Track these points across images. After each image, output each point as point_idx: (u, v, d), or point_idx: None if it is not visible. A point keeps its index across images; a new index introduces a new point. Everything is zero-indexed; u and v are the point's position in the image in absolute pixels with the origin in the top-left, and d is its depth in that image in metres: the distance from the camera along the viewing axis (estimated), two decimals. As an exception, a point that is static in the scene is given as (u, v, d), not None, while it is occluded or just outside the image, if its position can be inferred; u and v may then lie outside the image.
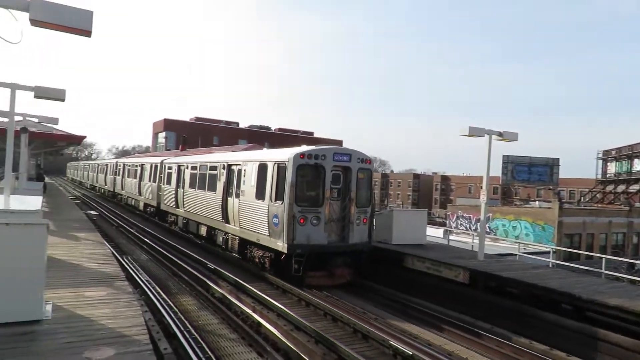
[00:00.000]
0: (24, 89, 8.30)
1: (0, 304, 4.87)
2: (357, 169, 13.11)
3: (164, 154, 40.83)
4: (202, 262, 15.67)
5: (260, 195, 13.56)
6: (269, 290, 12.60)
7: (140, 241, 19.74)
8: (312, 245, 12.38)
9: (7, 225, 4.91)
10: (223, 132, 74.49)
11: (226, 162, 16.36)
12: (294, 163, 12.35)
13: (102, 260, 9.09)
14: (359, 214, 13.13)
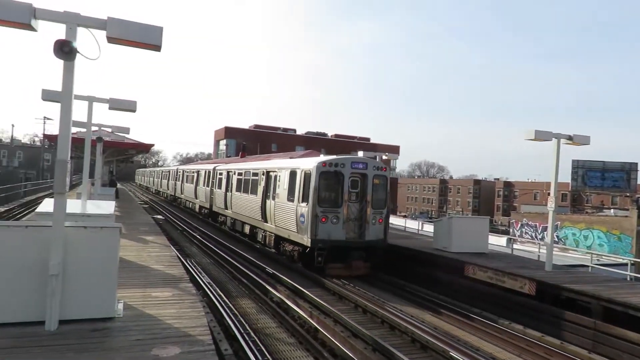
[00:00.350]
0: (100, 101, 8.97)
1: (78, 301, 5.25)
2: (373, 175, 15.01)
3: (218, 161, 43.26)
4: (260, 266, 16.03)
5: (290, 197, 15.59)
6: (326, 296, 12.66)
7: (203, 245, 20.52)
8: (331, 241, 14.38)
9: (85, 229, 5.30)
10: (281, 139, 75.92)
11: (265, 169, 18.59)
12: (317, 170, 14.41)
13: (168, 262, 9.54)
14: (374, 215, 14.95)
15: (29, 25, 4.24)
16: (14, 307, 4.99)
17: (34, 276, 5.03)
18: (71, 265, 5.16)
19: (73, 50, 4.27)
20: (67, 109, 4.68)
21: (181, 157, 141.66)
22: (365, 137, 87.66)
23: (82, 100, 8.72)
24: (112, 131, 13.72)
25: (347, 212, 14.68)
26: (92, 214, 7.45)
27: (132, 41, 4.54)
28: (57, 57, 4.25)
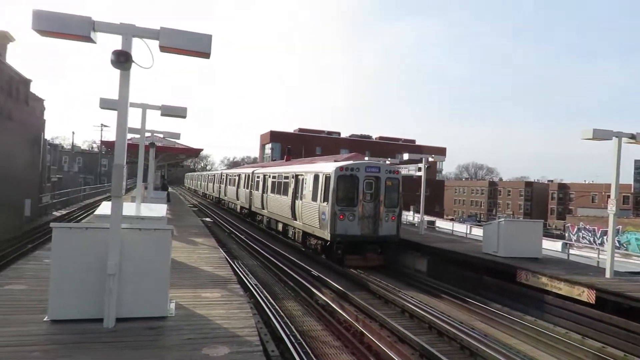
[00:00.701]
0: (153, 108, 9.37)
1: (134, 300, 5.49)
2: (386, 178, 16.96)
3: (257, 165, 45.48)
4: (306, 269, 16.14)
5: (314, 198, 17.79)
6: (371, 299, 12.57)
7: (249, 247, 20.92)
8: (348, 236, 16.46)
9: (140, 231, 5.54)
10: (325, 142, 76.21)
11: (294, 172, 20.73)
12: (336, 174, 16.51)
13: (216, 264, 9.78)
14: (387, 213, 16.94)
15: (89, 37, 4.50)
16: (77, 305, 5.28)
17: (93, 276, 5.30)
18: (127, 266, 5.40)
19: (129, 59, 4.49)
20: (123, 116, 4.92)
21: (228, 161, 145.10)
22: (410, 139, 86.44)
23: (136, 108, 9.14)
24: (163, 137, 14.28)
25: (362, 211, 16.75)
26: (145, 217, 7.76)
27: (183, 49, 4.72)
28: (114, 67, 4.48)
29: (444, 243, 17.23)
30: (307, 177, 19.11)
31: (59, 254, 5.29)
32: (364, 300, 11.87)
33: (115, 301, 5.22)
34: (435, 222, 27.77)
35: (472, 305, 12.22)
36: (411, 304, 11.77)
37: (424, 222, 20.97)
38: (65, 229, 5.37)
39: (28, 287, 6.94)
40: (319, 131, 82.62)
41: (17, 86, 20.82)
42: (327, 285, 13.72)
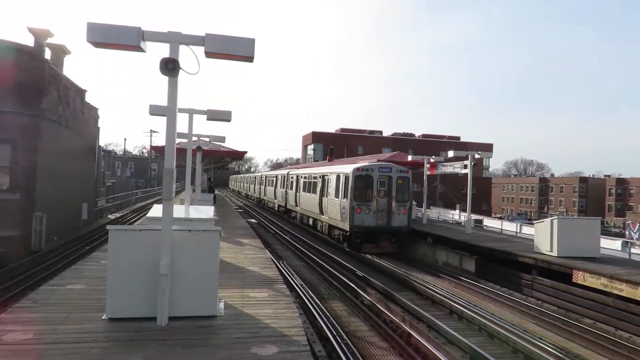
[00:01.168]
0: (199, 113, 9.63)
1: (185, 300, 5.66)
2: (397, 177, 20.10)
3: (294, 167, 47.31)
4: (350, 269, 16.11)
5: (337, 194, 21.10)
6: (418, 300, 12.37)
7: (294, 247, 21.12)
8: (365, 227, 19.50)
9: (190, 232, 5.71)
10: (367, 142, 75.84)
11: (321, 173, 24.30)
12: (353, 174, 19.70)
13: (263, 264, 9.93)
14: (398, 207, 19.92)
15: (139, 47, 4.69)
16: (132, 304, 5.51)
17: (146, 276, 5.51)
18: (178, 266, 5.58)
19: (177, 66, 4.64)
20: (172, 122, 5.09)
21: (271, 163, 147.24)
22: (455, 136, 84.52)
23: (183, 113, 9.43)
24: (209, 140, 14.66)
25: (376, 205, 19.79)
26: (194, 219, 7.98)
27: (228, 54, 4.83)
28: (163, 74, 4.64)
29: (493, 242, 16.71)
30: (331, 177, 22.58)
31: (115, 255, 5.53)
32: (410, 301, 11.69)
33: (167, 300, 5.40)
34: (483, 220, 26.97)
35: (524, 307, 11.77)
36: (459, 304, 11.48)
37: (470, 221, 20.41)
38: (120, 231, 5.61)
39: (87, 286, 7.31)
40: (360, 131, 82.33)
41: (74, 97, 22.03)
42: (373, 286, 13.63)
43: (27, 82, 16.84)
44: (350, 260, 18.07)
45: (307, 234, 26.19)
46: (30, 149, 16.84)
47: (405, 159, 27.10)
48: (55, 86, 18.97)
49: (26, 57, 17.07)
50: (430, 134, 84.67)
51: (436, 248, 18.87)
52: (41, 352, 4.55)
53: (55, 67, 19.57)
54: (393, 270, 16.41)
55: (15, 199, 16.38)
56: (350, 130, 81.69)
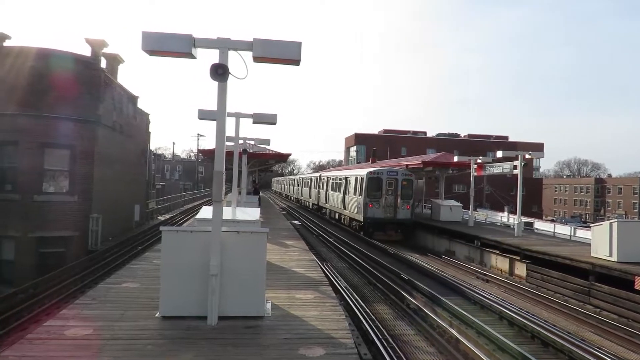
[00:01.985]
0: (245, 117, 9.84)
1: (234, 300, 5.77)
2: (402, 179, 25.15)
3: (326, 170, 51.08)
4: (395, 272, 15.92)
5: (354, 192, 26.47)
6: (466, 305, 12.04)
7: (337, 249, 21.12)
8: (375, 218, 24.81)
9: (238, 233, 5.81)
10: (410, 142, 74.81)
11: (344, 175, 30.40)
12: (367, 177, 25.10)
13: (308, 265, 9.98)
14: (403, 203, 24.98)
15: (191, 54, 4.85)
16: (184, 303, 5.68)
17: (197, 276, 5.66)
18: (227, 267, 5.70)
19: (226, 72, 4.76)
20: (221, 126, 5.21)
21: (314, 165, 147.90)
22: (503, 136, 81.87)
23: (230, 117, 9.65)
24: (254, 143, 14.92)
25: (385, 201, 25.03)
26: (241, 220, 8.11)
27: (275, 58, 4.90)
28: (212, 79, 4.77)
29: (545, 246, 16.01)
30: (351, 179, 28.34)
31: (168, 255, 5.72)
32: (458, 306, 11.39)
33: (217, 300, 5.52)
34: (534, 223, 25.89)
35: (581, 314, 11.21)
36: (510, 310, 11.08)
37: (521, 224, 19.67)
38: (172, 233, 5.79)
39: (141, 285, 7.61)
40: (404, 131, 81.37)
41: (127, 103, 23.08)
42: (418, 289, 13.40)
43: (84, 90, 17.81)
44: (394, 262, 17.86)
45: (352, 236, 26.14)
46: (87, 153, 17.79)
47: (451, 159, 26.49)
48: (110, 94, 19.95)
49: (84, 66, 18.07)
50: (476, 134, 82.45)
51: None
52: (100, 348, 4.77)
53: (110, 75, 20.58)
54: (439, 274, 16.07)
55: (73, 201, 17.34)
56: (394, 131, 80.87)
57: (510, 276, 15.84)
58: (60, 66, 17.20)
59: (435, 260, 19.80)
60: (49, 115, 16.86)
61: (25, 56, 16.87)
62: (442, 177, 28.10)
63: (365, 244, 23.36)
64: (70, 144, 17.39)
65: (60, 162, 17.43)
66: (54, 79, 16.95)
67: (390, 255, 20.47)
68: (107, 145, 19.56)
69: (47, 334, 5.14)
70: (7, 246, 16.24)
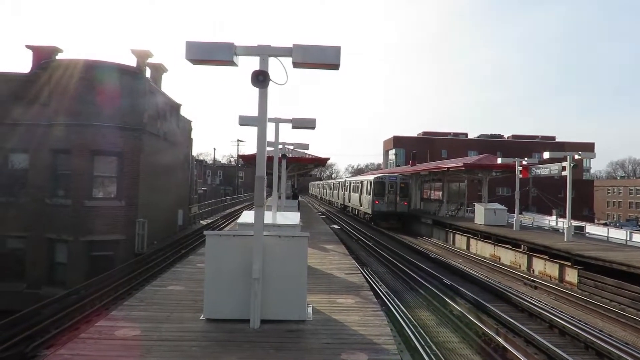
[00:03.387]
0: (285, 122, 9.96)
1: (276, 304, 5.83)
2: (400, 182, 34.85)
3: (352, 175, 56.29)
4: (437, 277, 15.63)
5: (366, 193, 36.46)
6: (513, 312, 11.65)
7: (378, 254, 20.97)
8: (380, 211, 34.32)
9: (280, 237, 5.88)
10: (451, 144, 73.38)
11: (360, 180, 41.03)
12: (374, 180, 35.09)
13: (348, 270, 9.95)
14: (401, 200, 34.47)
15: (232, 61, 4.96)
16: (227, 306, 5.79)
17: (240, 279, 5.76)
18: (269, 271, 5.77)
19: (267, 78, 4.84)
20: (262, 131, 5.30)
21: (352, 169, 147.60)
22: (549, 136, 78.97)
23: (270, 122, 9.79)
24: (294, 148, 15.06)
25: (387, 199, 34.49)
26: (281, 224, 8.21)
27: (314, 63, 4.94)
28: (253, 86, 4.86)
29: (598, 251, 15.26)
30: (365, 182, 38.91)
31: (212, 259, 5.85)
32: (504, 313, 11.05)
33: (259, 304, 5.59)
34: (585, 227, 24.76)
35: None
36: (561, 319, 10.62)
37: (571, 228, 18.85)
38: (216, 237, 5.93)
39: (185, 288, 7.81)
40: (444, 133, 79.93)
41: (170, 111, 23.88)
42: (462, 295, 13.09)
43: (130, 99, 18.59)
44: (435, 267, 17.54)
45: (392, 240, 25.85)
46: (133, 160, 18.53)
47: (494, 161, 25.78)
48: (154, 102, 20.72)
49: (129, 76, 18.86)
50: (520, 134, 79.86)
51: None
52: (148, 348, 4.93)
53: (154, 84, 21.38)
54: (484, 279, 15.64)
55: (121, 206, 18.08)
56: (433, 133, 79.59)
57: (560, 283, 15.21)
58: (107, 77, 18.01)
59: (480, 266, 19.30)
60: (98, 124, 17.69)
61: (75, 68, 17.78)
62: (485, 179, 27.38)
63: (407, 249, 23.06)
64: (117, 151, 18.16)
65: (109, 169, 18.23)
66: (101, 89, 17.78)
67: (431, 259, 20.12)
68: (152, 152, 20.28)
69: (98, 334, 5.37)
70: (60, 249, 17.13)
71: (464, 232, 24.59)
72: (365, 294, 7.81)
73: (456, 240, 25.60)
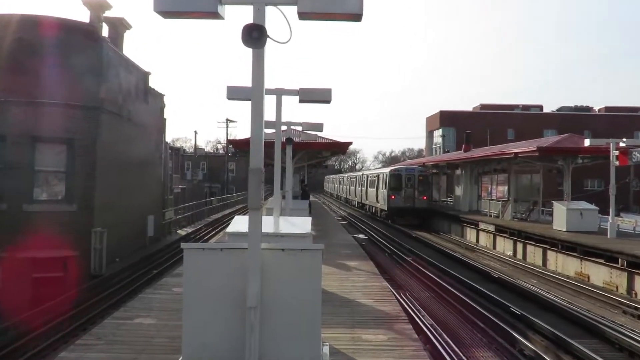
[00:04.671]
0: (290, 94, 9.93)
1: (278, 341, 5.82)
2: (418, 175, 45.08)
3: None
4: (501, 303, 15.57)
5: (382, 187, 47.04)
6: (608, 351, 11.60)
7: (419, 272, 20.93)
8: (396, 207, 44.27)
9: (283, 251, 5.88)
10: (520, 122, 72.62)
11: (376, 173, 52.14)
12: (389, 174, 45.70)
13: (378, 295, 9.98)
14: (419, 194, 44.16)
15: (217, 13, 4.94)
16: (213, 344, 5.82)
17: (230, 308, 5.77)
18: (269, 296, 5.76)
19: (263, 34, 4.82)
20: (258, 107, 5.27)
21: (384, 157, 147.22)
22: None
23: (269, 95, 9.79)
24: (302, 129, 15.09)
25: (405, 194, 43.49)
26: (286, 234, 8.21)
27: (327, 13, 4.90)
28: (246, 46, 4.84)
29: None
30: (380, 176, 47.81)
31: (192, 281, 5.88)
32: (596, 353, 10.96)
33: (257, 341, 5.61)
34: None
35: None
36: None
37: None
38: (197, 251, 5.96)
39: (158, 320, 7.93)
40: (509, 106, 79.34)
41: (137, 82, 24.10)
42: (536, 329, 13.04)
43: (82, 66, 18.73)
44: (501, 291, 17.46)
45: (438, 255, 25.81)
46: (88, 149, 18.70)
47: (580, 144, 25.50)
48: (115, 70, 20.90)
49: (81, 36, 19.00)
50: (617, 106, 78.68)
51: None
52: (110, 401, 5.02)
53: (114, 46, 21.58)
54: (566, 307, 15.53)
55: (71, 212, 18.29)
56: (495, 106, 78.98)
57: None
58: (51, 37, 18.14)
59: (561, 288, 19.17)
60: (40, 101, 17.81)
61: (7, 25, 17.83)
62: (568, 168, 27.13)
63: (457, 264, 22.98)
64: (66, 137, 18.30)
65: (55, 162, 18.40)
66: (44, 54, 17.93)
67: (492, 280, 20.04)
68: (113, 138, 20.46)
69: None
70: (-9, 271, 17.40)
71: (538, 241, 24.41)
72: (401, 327, 7.83)
73: (528, 253, 25.44)
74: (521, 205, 31.92)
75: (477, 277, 20.38)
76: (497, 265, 24.72)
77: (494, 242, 29.56)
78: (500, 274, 21.01)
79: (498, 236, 29.13)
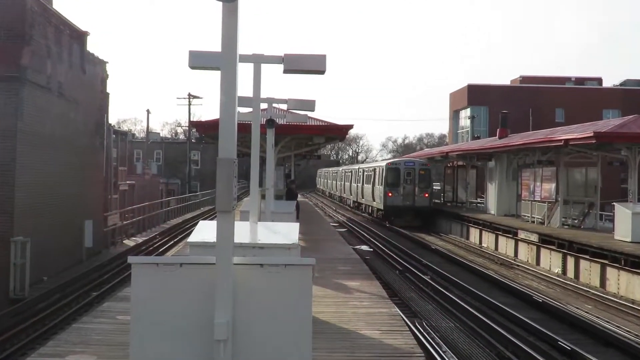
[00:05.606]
0: (271, 62, 9.82)
1: (256, 384, 5.86)
2: (419, 169, 53.36)
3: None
4: (546, 335, 15.62)
5: (378, 183, 55.68)
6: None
7: (438, 295, 20.98)
8: (394, 206, 51.94)
9: (262, 267, 5.86)
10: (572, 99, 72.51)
11: (373, 167, 62.78)
12: (386, 168, 54.20)
13: (385, 325, 9.98)
14: (420, 191, 51.79)
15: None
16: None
17: (192, 341, 5.78)
18: (245, 326, 5.75)
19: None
20: (229, 76, 5.21)
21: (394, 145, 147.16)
22: None
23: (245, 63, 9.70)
24: (288, 108, 15.05)
25: (403, 191, 50.98)
26: (266, 244, 8.19)
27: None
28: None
29: None
30: (376, 170, 55.98)
31: (142, 305, 5.85)
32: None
33: (229, 384, 5.62)
34: None
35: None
36: None
37: None
38: (149, 266, 5.92)
39: (98, 357, 7.90)
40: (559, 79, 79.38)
41: (70, 45, 23.95)
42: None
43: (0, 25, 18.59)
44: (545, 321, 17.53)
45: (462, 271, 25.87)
46: (4, 134, 18.58)
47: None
48: (42, 30, 20.75)
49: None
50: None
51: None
52: None
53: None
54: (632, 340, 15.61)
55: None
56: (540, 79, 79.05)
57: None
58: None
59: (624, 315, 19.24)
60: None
61: None
62: (634, 160, 27.18)
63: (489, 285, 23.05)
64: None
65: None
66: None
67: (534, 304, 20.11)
68: (39, 118, 20.35)
69: None
70: None
71: (594, 255, 24.46)
72: (416, 366, 7.85)
73: (581, 270, 25.49)
74: (573, 208, 31.96)
75: (514, 302, 20.43)
76: (540, 286, 24.76)
77: (538, 255, 29.60)
78: (545, 298, 21.06)
79: (543, 248, 29.17)
